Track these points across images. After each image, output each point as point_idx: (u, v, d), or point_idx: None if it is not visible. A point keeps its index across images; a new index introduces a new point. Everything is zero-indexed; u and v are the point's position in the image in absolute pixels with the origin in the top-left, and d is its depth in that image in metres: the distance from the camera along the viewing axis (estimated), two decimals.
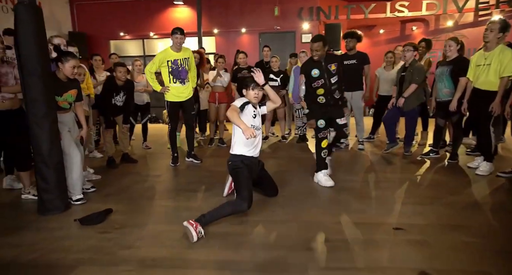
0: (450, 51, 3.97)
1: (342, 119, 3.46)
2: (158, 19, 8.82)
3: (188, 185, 3.54)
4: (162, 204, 3.02)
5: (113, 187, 3.52)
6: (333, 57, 3.47)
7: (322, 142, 3.43)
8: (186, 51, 4.14)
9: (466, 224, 2.45)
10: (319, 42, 3.25)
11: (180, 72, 4.05)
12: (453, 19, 8.75)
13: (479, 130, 3.77)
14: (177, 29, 3.95)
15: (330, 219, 2.59)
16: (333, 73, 3.35)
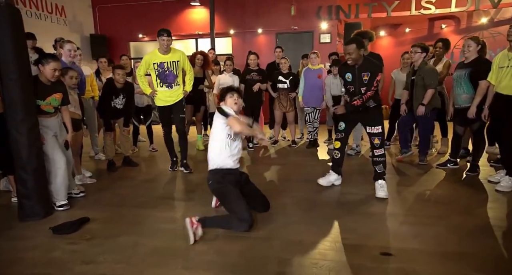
0: (469, 52, 3.56)
1: (373, 128, 3.14)
2: (176, 20, 8.84)
3: (177, 193, 3.41)
4: (143, 214, 2.89)
5: (104, 193, 3.46)
6: (370, 65, 3.05)
7: (335, 142, 3.40)
8: (176, 53, 3.88)
9: (469, 252, 2.10)
10: (352, 44, 2.99)
11: (167, 75, 3.84)
12: (488, 15, 8.06)
13: (501, 140, 3.33)
14: (163, 30, 3.72)
15: (314, 238, 2.34)
16: (364, 83, 3.05)
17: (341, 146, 3.36)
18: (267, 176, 3.92)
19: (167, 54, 3.80)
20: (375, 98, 3.08)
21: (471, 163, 3.77)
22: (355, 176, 3.85)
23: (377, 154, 3.17)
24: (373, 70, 3.03)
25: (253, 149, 5.37)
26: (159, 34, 3.72)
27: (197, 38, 8.91)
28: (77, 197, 3.26)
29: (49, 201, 2.90)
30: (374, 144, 3.16)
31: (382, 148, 3.16)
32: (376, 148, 3.16)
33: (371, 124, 3.14)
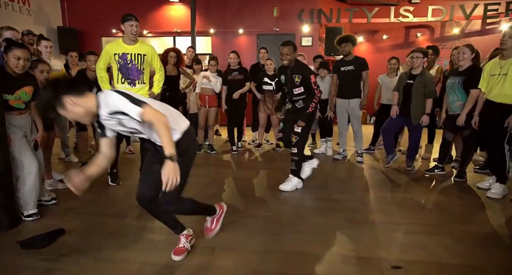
0: (464, 60, 3.57)
1: (296, 127, 3.30)
2: (152, 16, 8.45)
3: None
4: (124, 223, 2.61)
5: (77, 200, 3.08)
6: (301, 68, 3.27)
7: (280, 143, 3.55)
8: (143, 46, 3.36)
9: (481, 265, 2.03)
10: (289, 46, 3.21)
11: (129, 69, 3.28)
12: (460, 26, 8.38)
13: (492, 148, 3.37)
14: (130, 15, 3.22)
15: (317, 250, 2.19)
16: (296, 85, 3.24)
17: (286, 144, 3.47)
18: (256, 182, 3.74)
19: (133, 44, 3.28)
20: (308, 101, 3.24)
21: (459, 169, 3.80)
22: (346, 182, 3.76)
23: (293, 152, 3.39)
24: (303, 73, 3.20)
25: (237, 152, 5.16)
26: (125, 19, 3.19)
27: (175, 36, 8.56)
28: (48, 205, 2.92)
29: (15, 211, 2.54)
30: (292, 142, 3.35)
31: (297, 147, 3.32)
32: (292, 146, 3.37)
33: (296, 123, 3.32)
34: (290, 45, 3.21)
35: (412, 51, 4.17)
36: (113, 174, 3.60)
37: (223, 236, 2.38)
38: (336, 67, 4.51)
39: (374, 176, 3.93)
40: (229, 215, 2.72)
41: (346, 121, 4.62)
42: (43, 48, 3.81)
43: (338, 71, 4.47)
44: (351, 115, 4.52)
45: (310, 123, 3.36)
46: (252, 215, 2.78)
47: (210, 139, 5.19)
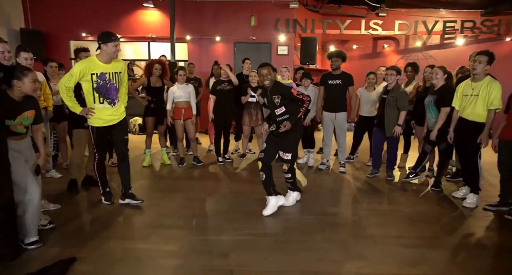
0: (436, 79, 3.92)
1: (284, 154, 3.31)
2: (126, 21, 8.21)
3: (164, 220, 3.12)
4: (135, 248, 2.59)
5: (74, 222, 3.03)
6: (278, 88, 3.25)
7: (258, 162, 3.36)
8: (118, 63, 3.26)
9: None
10: (268, 67, 3.20)
11: (109, 89, 3.18)
12: (422, 40, 9.04)
13: (466, 161, 3.74)
14: (114, 34, 3.10)
15: (330, 268, 2.34)
16: (277, 105, 3.24)
17: (263, 167, 3.30)
18: (251, 195, 3.81)
19: (109, 63, 3.16)
20: (294, 120, 3.20)
21: (436, 179, 4.16)
22: (336, 194, 3.96)
23: (286, 177, 3.45)
24: (282, 92, 3.21)
25: (223, 163, 5.21)
26: (110, 39, 3.03)
27: (149, 41, 8.38)
28: (46, 229, 2.80)
29: (17, 239, 2.43)
30: (283, 169, 3.39)
31: (290, 173, 3.39)
32: (284, 173, 3.41)
33: (284, 149, 3.31)
34: (268, 65, 3.21)
35: (386, 69, 4.50)
36: (107, 193, 3.50)
37: (238, 257, 2.45)
38: (323, 80, 4.72)
39: (360, 188, 4.18)
40: (238, 233, 2.82)
41: (331, 133, 4.86)
42: (23, 60, 3.59)
43: (325, 84, 4.68)
44: (337, 128, 4.75)
45: (297, 142, 3.38)
46: (261, 233, 2.86)
47: (194, 151, 5.17)
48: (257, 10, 8.11)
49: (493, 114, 3.46)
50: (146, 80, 4.85)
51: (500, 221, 3.21)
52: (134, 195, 3.51)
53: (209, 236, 2.80)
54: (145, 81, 4.86)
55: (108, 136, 3.36)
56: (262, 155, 3.32)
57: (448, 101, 3.78)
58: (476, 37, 8.63)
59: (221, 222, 3.07)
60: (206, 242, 2.69)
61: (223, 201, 3.62)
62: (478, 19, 8.35)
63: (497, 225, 3.15)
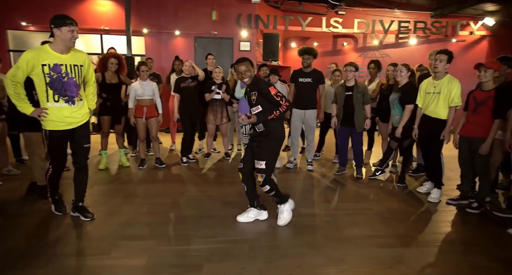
0: (401, 77, 4.01)
1: (257, 162, 2.85)
2: (74, 10, 7.50)
3: (126, 230, 2.83)
4: (94, 264, 2.30)
5: (19, 236, 2.64)
6: (256, 83, 2.82)
7: (239, 173, 2.98)
8: (79, 54, 2.80)
9: (457, 273, 2.32)
10: (246, 62, 2.83)
11: (66, 85, 2.68)
12: (378, 38, 9.35)
13: (429, 157, 3.85)
14: (69, 17, 2.65)
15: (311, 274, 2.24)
16: (253, 103, 2.85)
17: (244, 178, 2.95)
18: (219, 198, 3.62)
19: (66, 53, 2.68)
20: (269, 123, 2.81)
21: (400, 175, 4.26)
22: (307, 194, 3.90)
23: (265, 191, 2.90)
24: (258, 87, 2.79)
25: (187, 164, 4.95)
26: (63, 22, 2.59)
27: (102, 34, 7.78)
28: None
29: None
30: (257, 181, 2.88)
31: (266, 184, 2.86)
32: (260, 185, 2.88)
33: (257, 157, 2.86)
34: (246, 60, 2.84)
35: (345, 65, 4.52)
36: (57, 202, 3.11)
37: (213, 269, 2.27)
38: (294, 77, 4.64)
39: (330, 186, 4.16)
40: (210, 241, 2.63)
41: (299, 131, 4.80)
42: None
43: (296, 81, 4.60)
44: (306, 126, 4.71)
45: (277, 151, 2.95)
46: (234, 240, 2.69)
47: (156, 152, 4.86)
48: (219, 4, 7.86)
49: (454, 111, 3.59)
50: (100, 76, 4.44)
51: (462, 215, 3.34)
52: (86, 209, 3.07)
53: (179, 246, 2.58)
54: (99, 77, 4.45)
55: (67, 142, 2.90)
56: (241, 165, 2.96)
57: (412, 98, 3.87)
58: (427, 37, 9.11)
59: (190, 229, 2.86)
60: (175, 253, 2.47)
61: (191, 206, 3.39)
62: (429, 20, 8.81)
63: (461, 219, 3.26)
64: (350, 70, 4.32)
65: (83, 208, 3.05)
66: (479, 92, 3.34)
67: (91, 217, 3.00)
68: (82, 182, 3.04)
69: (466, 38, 9.06)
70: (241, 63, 2.82)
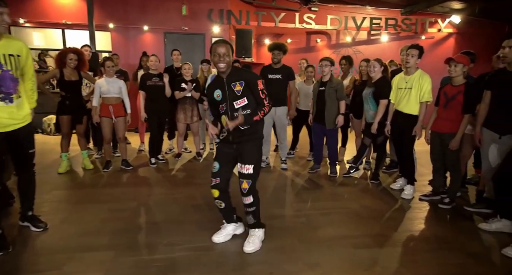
0: (374, 72, 3.95)
1: (243, 166, 2.39)
2: (33, 2, 7.04)
3: (83, 240, 2.58)
4: None
5: None
6: (242, 72, 2.43)
7: (212, 191, 2.45)
8: (14, 43, 2.40)
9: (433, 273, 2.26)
10: (227, 45, 2.29)
11: (1, 79, 2.31)
12: (351, 35, 9.39)
13: (402, 153, 3.83)
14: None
15: None
16: (238, 95, 2.35)
17: (221, 195, 2.47)
18: (188, 201, 3.43)
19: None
20: (250, 120, 2.34)
21: (374, 172, 4.22)
22: (280, 194, 3.78)
23: (246, 202, 2.44)
24: (247, 77, 2.36)
25: (155, 165, 4.70)
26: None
27: (64, 28, 7.33)
28: None
29: None
30: (242, 189, 2.40)
31: (251, 195, 2.42)
32: (243, 194, 2.42)
33: (243, 160, 2.40)
34: (227, 44, 2.31)
35: (320, 60, 4.43)
36: (33, 218, 2.71)
37: None
38: (263, 74, 4.49)
39: (304, 185, 4.06)
40: (176, 249, 2.45)
41: (270, 128, 4.66)
42: None
43: (265, 78, 4.46)
44: (278, 123, 4.58)
45: (261, 152, 2.53)
46: (202, 246, 2.51)
47: (123, 154, 4.57)
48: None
49: (425, 107, 3.57)
50: (58, 72, 4.12)
51: (435, 211, 3.33)
52: (37, 218, 2.72)
53: (142, 256, 2.38)
54: (57, 74, 4.13)
55: (4, 147, 2.44)
56: (217, 180, 2.44)
57: (386, 93, 3.83)
58: (398, 34, 9.23)
59: (154, 236, 2.66)
60: (137, 264, 2.26)
61: (157, 210, 3.18)
62: (399, 17, 8.93)
63: (434, 215, 3.24)
64: (326, 64, 4.20)
65: (33, 217, 2.71)
66: (450, 87, 3.33)
67: (43, 227, 2.69)
68: (29, 190, 2.68)
69: (434, 35, 9.25)
70: (221, 44, 2.28)
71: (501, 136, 2.94)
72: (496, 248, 2.54)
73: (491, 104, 3.06)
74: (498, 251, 2.50)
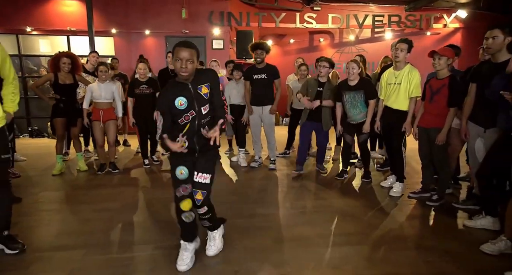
0: (353, 74, 3.79)
1: (200, 175, 2.16)
2: (38, 11, 7.28)
3: (56, 240, 2.60)
4: None
5: None
6: (206, 74, 2.18)
7: (181, 203, 2.13)
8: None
9: (398, 272, 2.18)
10: (191, 49, 2.00)
11: None
12: (354, 33, 9.26)
13: (391, 150, 3.74)
14: None
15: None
16: (205, 99, 2.12)
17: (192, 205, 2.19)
18: (169, 203, 3.44)
19: None
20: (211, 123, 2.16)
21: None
22: (265, 193, 3.74)
23: (201, 212, 2.21)
24: (211, 78, 2.16)
25: (149, 166, 4.75)
26: None
27: (69, 35, 7.55)
28: None
29: None
30: (196, 200, 2.16)
31: (205, 205, 2.19)
32: (197, 206, 2.18)
33: (201, 168, 2.17)
34: (192, 47, 2.03)
35: (318, 59, 4.37)
36: (8, 238, 2.43)
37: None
38: (248, 74, 4.48)
39: (291, 184, 4.00)
40: (146, 248, 2.46)
41: (259, 128, 4.64)
42: None
43: (250, 79, 4.45)
44: (265, 123, 4.54)
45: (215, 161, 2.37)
46: (171, 245, 2.48)
47: (111, 156, 4.56)
48: (189, 2, 7.68)
49: (414, 102, 3.48)
50: (53, 76, 4.23)
51: (421, 208, 3.23)
52: (13, 239, 2.45)
53: (112, 254, 2.40)
54: (51, 77, 4.24)
55: None
56: (188, 187, 2.15)
57: (374, 93, 3.79)
58: (402, 31, 9.04)
59: (129, 236, 2.68)
60: (105, 263, 2.29)
61: (138, 211, 3.21)
62: (403, 14, 8.75)
63: (419, 212, 3.15)
64: (324, 65, 4.10)
65: (9, 237, 2.43)
66: (435, 81, 3.23)
67: (20, 248, 2.41)
68: (3, 205, 2.39)
69: (440, 30, 9.02)
70: (184, 48, 1.99)
71: (485, 130, 2.83)
72: (476, 245, 2.42)
73: (476, 97, 2.95)
74: (477, 248, 2.39)
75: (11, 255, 2.38)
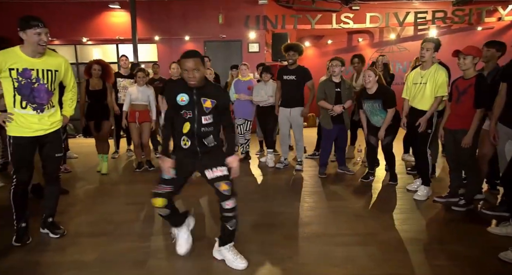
0: (370, 82, 3.74)
1: (215, 170, 2.20)
2: (92, 23, 8.04)
3: (90, 228, 2.92)
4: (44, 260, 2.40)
5: None
6: (212, 89, 2.24)
7: (155, 199, 2.19)
8: (54, 59, 2.58)
9: (400, 273, 2.16)
10: (196, 58, 2.08)
11: (35, 91, 2.48)
12: (395, 32, 8.92)
13: (416, 151, 3.61)
14: (35, 19, 2.39)
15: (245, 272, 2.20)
16: (205, 112, 2.19)
17: (167, 204, 2.23)
18: (197, 198, 3.67)
19: (39, 57, 2.47)
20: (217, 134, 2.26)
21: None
22: (286, 193, 3.81)
23: (227, 207, 2.17)
24: (220, 100, 2.22)
25: (153, 168, 4.96)
26: (28, 24, 2.35)
27: (117, 43, 8.23)
28: None
29: None
30: (222, 192, 2.17)
31: (234, 197, 2.19)
32: (225, 199, 2.16)
33: (212, 165, 2.22)
34: (197, 56, 2.10)
35: (331, 59, 4.31)
36: (20, 230, 2.63)
37: (155, 264, 2.31)
38: (279, 75, 4.58)
39: (314, 185, 4.03)
40: (163, 239, 2.67)
41: (287, 129, 4.70)
42: None
43: (281, 79, 4.53)
44: (293, 124, 4.60)
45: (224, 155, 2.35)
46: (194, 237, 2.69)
47: (147, 155, 4.90)
48: (225, 7, 7.96)
49: (438, 102, 3.34)
50: (85, 82, 4.61)
51: (445, 213, 3.10)
52: (57, 225, 2.81)
53: (134, 242, 2.64)
54: (85, 84, 4.61)
55: (33, 151, 2.61)
56: (168, 188, 2.21)
57: (394, 102, 3.75)
58: (449, 27, 8.53)
59: (151, 227, 2.92)
60: (128, 249, 2.53)
61: None
62: (450, 9, 8.24)
63: (439, 217, 3.03)
64: (336, 64, 4.12)
65: (53, 224, 2.80)
66: (461, 81, 3.08)
67: (61, 233, 2.77)
68: (53, 196, 2.78)
69: (494, 25, 8.35)
70: (189, 59, 2.07)
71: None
72: (493, 252, 2.29)
73: (506, 97, 2.77)
74: (494, 255, 2.26)
75: (53, 238, 2.73)
